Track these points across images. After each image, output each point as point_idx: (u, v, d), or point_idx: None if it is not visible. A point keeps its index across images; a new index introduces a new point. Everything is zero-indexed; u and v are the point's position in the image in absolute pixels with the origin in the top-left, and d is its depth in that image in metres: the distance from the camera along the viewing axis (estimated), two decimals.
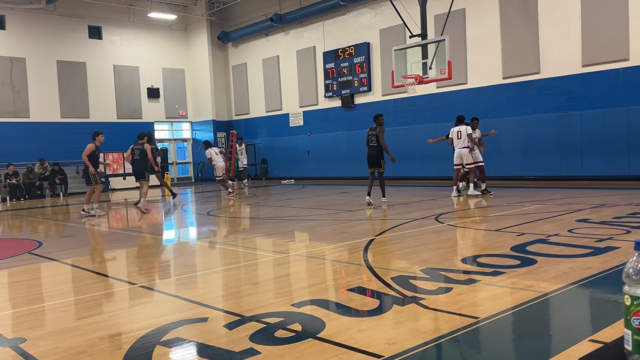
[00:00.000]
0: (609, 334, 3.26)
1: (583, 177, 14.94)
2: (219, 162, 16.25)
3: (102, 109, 24.81)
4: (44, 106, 23.24)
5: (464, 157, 12.60)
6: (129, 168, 24.01)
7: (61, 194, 21.18)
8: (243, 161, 21.55)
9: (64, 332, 3.94)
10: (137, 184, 14.42)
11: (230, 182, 17.34)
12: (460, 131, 12.66)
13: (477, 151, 12.67)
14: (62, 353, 3.46)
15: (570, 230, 7.16)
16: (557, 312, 4.04)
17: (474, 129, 12.97)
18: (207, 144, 16.51)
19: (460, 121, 12.82)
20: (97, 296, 5.07)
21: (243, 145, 21.60)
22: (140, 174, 13.48)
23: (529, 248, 6.12)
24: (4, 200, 20.02)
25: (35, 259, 7.27)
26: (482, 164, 12.86)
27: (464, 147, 12.54)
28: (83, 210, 12.67)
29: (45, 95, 23.29)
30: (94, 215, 12.34)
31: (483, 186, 12.81)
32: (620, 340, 2.03)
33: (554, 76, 15.68)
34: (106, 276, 6.03)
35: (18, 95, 22.65)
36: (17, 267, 6.86)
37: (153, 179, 16.76)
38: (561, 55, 15.45)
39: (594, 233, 6.89)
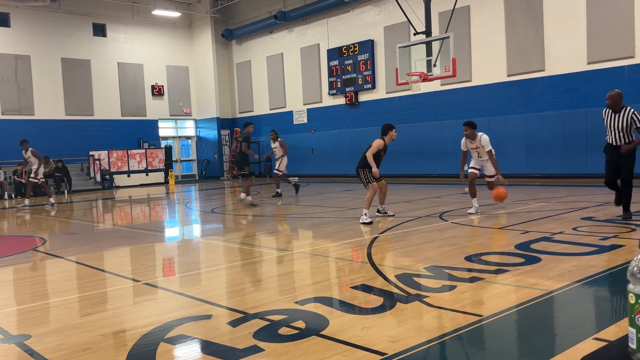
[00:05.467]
0: (613, 332, 3.25)
1: (588, 174, 14.88)
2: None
3: (107, 106, 24.87)
4: (48, 103, 23.31)
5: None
6: (133, 166, 24.12)
7: (65, 192, 21.24)
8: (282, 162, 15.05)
9: (68, 328, 3.96)
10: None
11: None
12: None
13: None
14: (67, 350, 3.48)
15: (574, 228, 7.15)
16: (561, 310, 4.03)
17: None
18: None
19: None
20: (102, 293, 5.09)
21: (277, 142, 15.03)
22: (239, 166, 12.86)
23: (533, 246, 6.10)
24: (10, 197, 20.09)
25: (40, 256, 7.30)
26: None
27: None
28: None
29: (50, 92, 23.36)
30: None
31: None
32: (625, 338, 2.02)
33: (558, 74, 15.62)
34: (110, 273, 6.05)
35: (23, 92, 22.72)
36: (22, 264, 6.89)
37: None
38: (566, 52, 15.39)
39: (599, 231, 6.87)
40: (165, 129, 27.54)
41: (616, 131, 7.64)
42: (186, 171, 28.85)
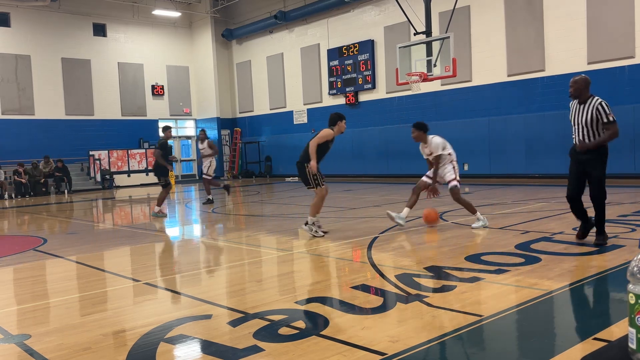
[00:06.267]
0: (613, 333, 3.25)
1: None
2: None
3: (107, 106, 24.86)
4: (48, 103, 23.31)
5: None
6: (133, 165, 24.12)
7: (66, 192, 21.24)
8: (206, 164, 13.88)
9: (68, 328, 3.96)
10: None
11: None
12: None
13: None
14: (67, 349, 3.48)
15: (574, 229, 7.13)
16: (561, 310, 4.03)
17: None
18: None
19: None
20: (102, 293, 5.09)
21: (206, 143, 13.98)
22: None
23: (533, 246, 6.10)
24: (10, 197, 20.10)
25: (40, 255, 7.30)
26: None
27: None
28: None
29: (50, 92, 23.36)
30: None
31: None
32: (625, 338, 2.02)
33: (559, 74, 15.62)
34: (110, 273, 6.05)
35: (23, 92, 22.72)
36: (22, 263, 6.88)
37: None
38: (566, 52, 15.38)
39: None
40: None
41: (580, 127, 5.96)
42: (186, 171, 28.85)
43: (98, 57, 24.69)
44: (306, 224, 7.60)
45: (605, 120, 5.78)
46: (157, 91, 26.48)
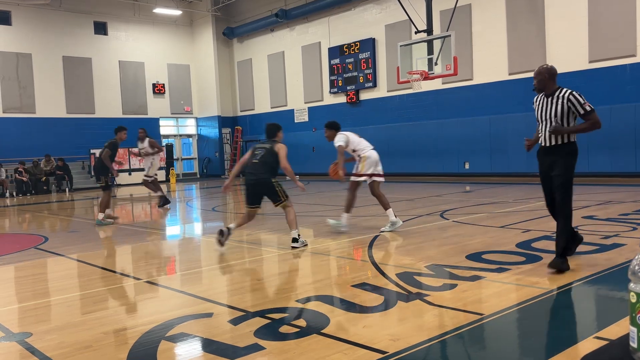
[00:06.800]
0: (614, 331, 3.25)
1: (589, 173, 14.86)
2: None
3: (108, 104, 24.86)
4: (49, 102, 23.31)
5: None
6: (134, 164, 24.14)
7: (67, 190, 21.26)
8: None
9: (69, 326, 3.96)
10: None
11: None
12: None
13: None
14: (68, 348, 3.48)
15: (575, 227, 7.13)
16: (562, 309, 4.03)
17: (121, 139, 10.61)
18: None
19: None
20: (103, 291, 5.09)
21: (146, 142, 13.66)
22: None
23: (534, 245, 6.10)
24: (11, 195, 20.12)
25: (41, 254, 7.31)
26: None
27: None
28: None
29: (51, 90, 23.36)
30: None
31: None
32: (626, 337, 2.02)
33: (560, 72, 15.53)
34: (112, 271, 6.05)
35: (24, 90, 22.72)
36: (24, 261, 6.89)
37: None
38: (568, 51, 15.36)
39: (600, 230, 6.86)
40: (167, 127, 27.53)
41: (549, 123, 5.25)
42: (187, 169, 28.85)
43: (99, 56, 24.69)
44: (294, 240, 6.82)
45: (582, 110, 5.06)
46: (158, 89, 26.47)
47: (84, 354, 3.36)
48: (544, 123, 5.30)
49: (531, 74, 5.80)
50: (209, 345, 3.41)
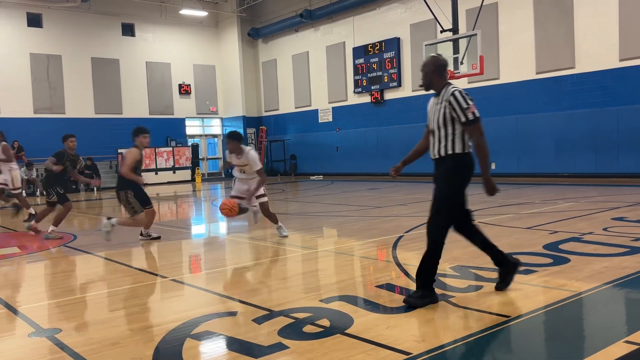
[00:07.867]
0: None
1: (619, 174, 14.56)
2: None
3: (135, 105, 25.24)
4: (78, 102, 23.77)
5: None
6: (160, 163, 24.45)
7: (95, 189, 21.63)
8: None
9: (97, 323, 4.04)
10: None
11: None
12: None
13: None
14: (96, 344, 3.54)
15: (605, 229, 6.99)
16: (590, 312, 3.96)
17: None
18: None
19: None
20: (130, 289, 5.17)
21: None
22: None
23: (562, 246, 6.00)
24: (41, 194, 20.56)
25: (70, 251, 7.46)
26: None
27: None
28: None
29: (80, 91, 23.82)
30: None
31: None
32: None
33: (589, 71, 15.30)
34: (138, 269, 6.14)
35: (54, 91, 23.22)
36: (53, 259, 7.05)
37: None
38: (597, 49, 15.06)
39: (630, 232, 6.71)
40: (192, 127, 27.83)
41: (436, 131, 4.15)
42: (212, 169, 29.11)
43: (126, 57, 25.08)
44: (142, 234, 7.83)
45: (462, 118, 3.94)
46: (184, 90, 26.78)
47: (111, 350, 3.42)
48: (433, 131, 4.19)
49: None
50: (233, 344, 3.43)
